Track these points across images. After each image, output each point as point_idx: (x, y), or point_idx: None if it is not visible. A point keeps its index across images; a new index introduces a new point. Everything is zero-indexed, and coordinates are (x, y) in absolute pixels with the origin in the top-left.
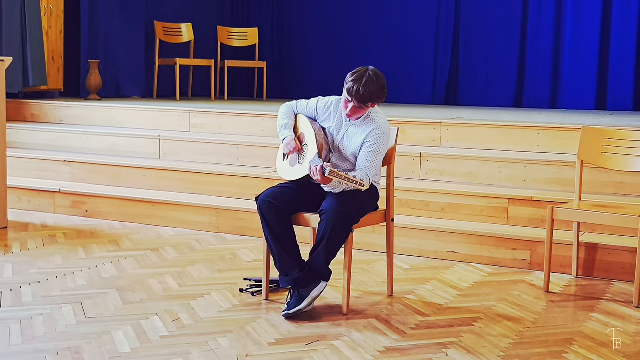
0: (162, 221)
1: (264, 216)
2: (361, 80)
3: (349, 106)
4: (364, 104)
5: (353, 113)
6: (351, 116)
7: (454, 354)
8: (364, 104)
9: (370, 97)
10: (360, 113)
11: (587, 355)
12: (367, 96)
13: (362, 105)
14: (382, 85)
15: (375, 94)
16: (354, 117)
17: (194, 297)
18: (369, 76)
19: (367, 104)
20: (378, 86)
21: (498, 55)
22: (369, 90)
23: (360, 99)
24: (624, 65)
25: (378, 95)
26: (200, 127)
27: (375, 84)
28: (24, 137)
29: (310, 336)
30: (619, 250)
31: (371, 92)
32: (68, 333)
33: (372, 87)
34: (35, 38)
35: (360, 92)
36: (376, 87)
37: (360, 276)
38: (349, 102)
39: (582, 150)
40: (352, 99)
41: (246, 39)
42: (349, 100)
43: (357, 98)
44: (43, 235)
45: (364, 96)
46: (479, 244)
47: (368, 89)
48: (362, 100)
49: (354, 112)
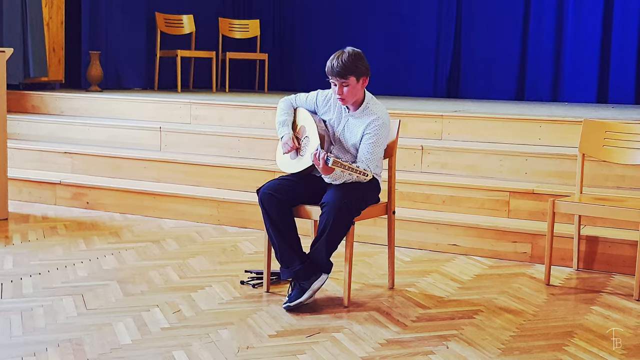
0: (163, 213)
1: (265, 208)
2: (334, 57)
3: (335, 90)
4: (343, 77)
5: (343, 95)
6: (344, 100)
7: (455, 347)
8: (343, 77)
9: (346, 68)
10: (351, 95)
11: (587, 348)
12: (342, 68)
13: (344, 80)
14: (357, 56)
15: (350, 64)
16: (349, 102)
17: (195, 289)
18: (341, 52)
19: (348, 77)
20: (351, 57)
21: (500, 48)
22: (342, 61)
23: (337, 72)
24: (625, 58)
25: (355, 64)
26: (201, 119)
27: (347, 55)
28: (24, 129)
29: (311, 328)
30: (619, 243)
31: (345, 63)
32: (69, 325)
33: (345, 57)
34: (36, 29)
35: (334, 66)
36: (349, 58)
37: (361, 268)
38: (334, 85)
39: (584, 143)
40: (332, 77)
41: (247, 30)
42: (334, 84)
43: (334, 73)
44: (44, 226)
45: (339, 69)
46: (480, 237)
47: (341, 60)
48: (339, 73)
49: (343, 94)
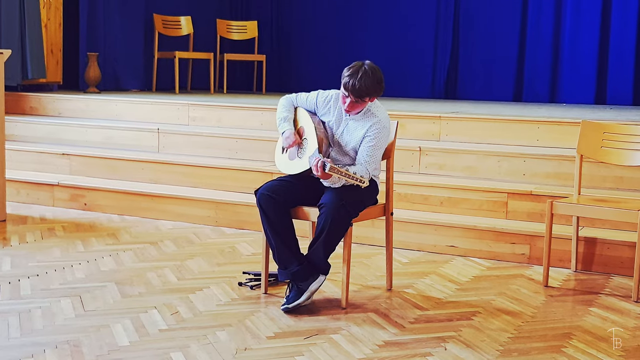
0: (161, 214)
1: (263, 209)
2: (357, 75)
3: (347, 101)
4: (360, 98)
5: (351, 108)
6: (350, 111)
7: (453, 348)
8: (360, 98)
9: (367, 92)
10: (359, 108)
11: (586, 350)
12: (363, 90)
13: (359, 100)
14: (378, 79)
15: (371, 87)
16: (353, 112)
17: (193, 291)
18: (364, 70)
19: (364, 99)
20: (374, 80)
21: (498, 49)
22: (365, 85)
23: (357, 93)
24: (623, 59)
25: (375, 89)
26: (199, 120)
27: (371, 78)
28: (22, 130)
29: (309, 330)
30: (618, 244)
31: (367, 87)
32: (67, 326)
33: (368, 81)
34: (34, 31)
35: (357, 86)
36: (372, 81)
37: (359, 270)
38: (346, 98)
39: (582, 144)
40: (349, 94)
41: (245, 32)
42: (346, 96)
43: (354, 93)
44: (42, 228)
45: (360, 90)
46: (478, 238)
47: (364, 83)
48: (359, 94)
49: (352, 107)
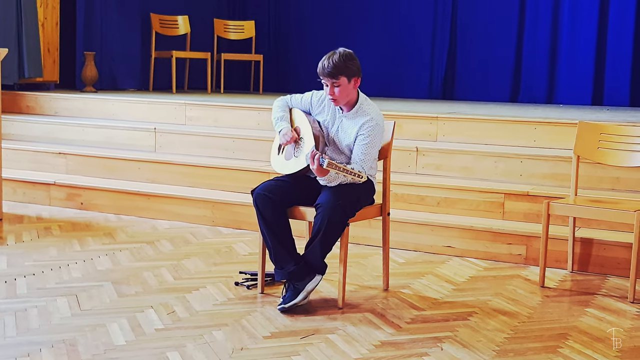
0: (158, 214)
1: (260, 209)
2: (325, 58)
3: (327, 89)
4: (334, 77)
5: (335, 96)
6: (336, 100)
7: (449, 348)
8: (334, 77)
9: (337, 68)
10: (343, 95)
11: (582, 350)
12: (333, 68)
13: (334, 81)
14: (348, 56)
15: (341, 63)
16: (341, 102)
17: (189, 290)
18: (332, 52)
19: (338, 77)
20: (342, 57)
21: (495, 50)
22: (333, 61)
23: (328, 72)
24: (620, 60)
25: (345, 64)
26: (196, 119)
27: (338, 55)
28: (19, 129)
29: (306, 330)
30: (614, 245)
31: (335, 63)
32: (63, 325)
33: (335, 57)
34: (31, 30)
35: (325, 65)
36: (340, 58)
37: (355, 270)
38: (326, 86)
39: (578, 145)
40: (324, 78)
41: (243, 31)
42: (325, 84)
43: (325, 73)
44: (38, 227)
45: (331, 69)
46: (475, 239)
47: (332, 61)
48: (330, 74)
49: (334, 95)
